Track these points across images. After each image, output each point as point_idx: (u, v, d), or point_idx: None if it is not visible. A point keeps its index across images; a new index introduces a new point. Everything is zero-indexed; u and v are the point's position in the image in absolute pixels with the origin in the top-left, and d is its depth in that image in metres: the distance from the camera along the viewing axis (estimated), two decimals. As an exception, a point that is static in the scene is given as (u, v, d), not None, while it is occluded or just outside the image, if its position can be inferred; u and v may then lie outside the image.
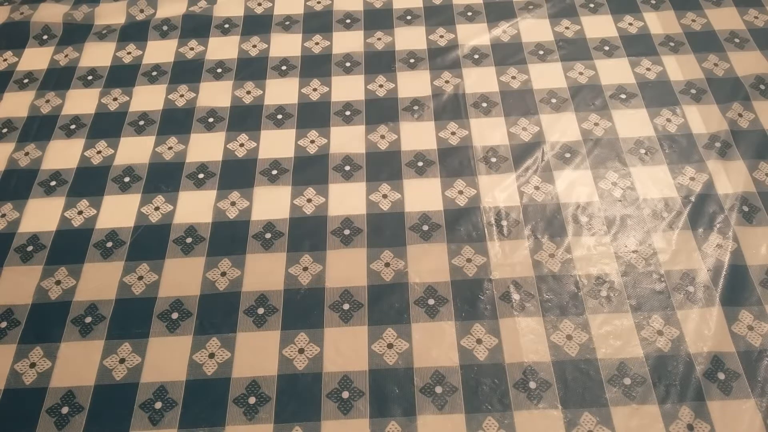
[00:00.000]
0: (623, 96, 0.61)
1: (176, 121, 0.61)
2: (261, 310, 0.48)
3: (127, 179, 0.56)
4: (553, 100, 0.61)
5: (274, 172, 0.56)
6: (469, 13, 0.69)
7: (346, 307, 0.48)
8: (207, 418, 0.44)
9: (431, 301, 0.48)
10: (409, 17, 0.69)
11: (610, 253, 0.51)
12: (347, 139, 0.58)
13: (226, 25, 0.69)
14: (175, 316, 0.48)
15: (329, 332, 0.47)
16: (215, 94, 0.63)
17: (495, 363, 0.45)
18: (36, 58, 0.67)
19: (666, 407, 0.43)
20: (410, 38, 0.67)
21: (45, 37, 0.69)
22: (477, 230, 0.52)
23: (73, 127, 0.61)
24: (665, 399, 0.44)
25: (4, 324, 0.48)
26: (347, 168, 0.56)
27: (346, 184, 0.55)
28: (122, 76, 0.65)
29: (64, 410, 0.44)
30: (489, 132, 0.59)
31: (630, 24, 0.67)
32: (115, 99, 0.63)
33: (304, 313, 0.47)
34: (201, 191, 0.55)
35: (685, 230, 0.52)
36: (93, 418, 0.44)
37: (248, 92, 0.63)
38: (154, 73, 0.65)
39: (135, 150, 0.58)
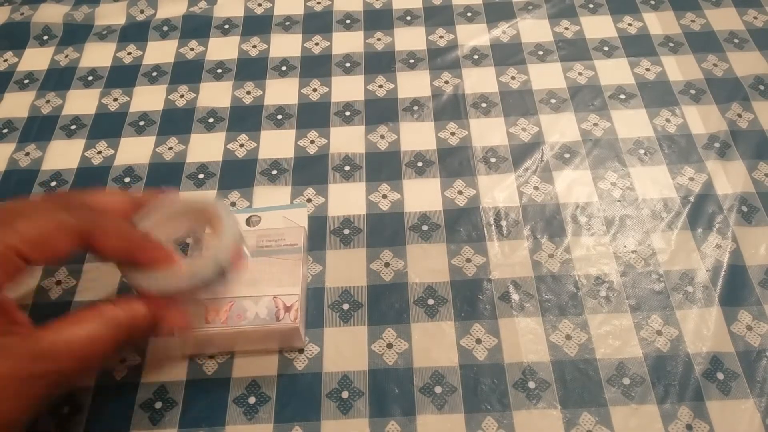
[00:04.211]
0: (622, 96, 0.61)
1: (176, 122, 0.61)
2: (261, 310, 0.48)
3: (127, 179, 0.56)
4: (553, 101, 0.61)
5: (274, 172, 0.56)
6: (469, 14, 0.69)
7: (345, 306, 0.48)
8: (207, 418, 0.44)
9: (431, 301, 0.48)
10: (408, 17, 0.69)
11: (609, 253, 0.51)
12: (347, 139, 0.59)
13: (226, 26, 0.69)
14: (175, 316, 0.48)
15: (329, 332, 0.47)
16: (215, 95, 0.63)
17: (494, 363, 0.45)
18: (36, 59, 0.67)
19: (665, 407, 0.43)
20: (410, 38, 0.67)
21: (45, 37, 0.69)
22: (476, 230, 0.52)
23: (73, 127, 0.61)
24: (664, 399, 0.44)
25: (4, 324, 0.48)
26: (347, 168, 0.56)
27: (346, 184, 0.55)
28: (122, 76, 0.65)
29: (65, 410, 0.44)
30: (488, 132, 0.59)
31: (629, 24, 0.67)
32: (115, 99, 0.63)
33: (303, 313, 0.47)
34: (201, 191, 0.55)
35: (684, 230, 0.52)
36: (93, 418, 0.44)
37: (248, 92, 0.63)
38: (155, 74, 0.65)
39: (135, 150, 0.59)
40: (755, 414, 0.43)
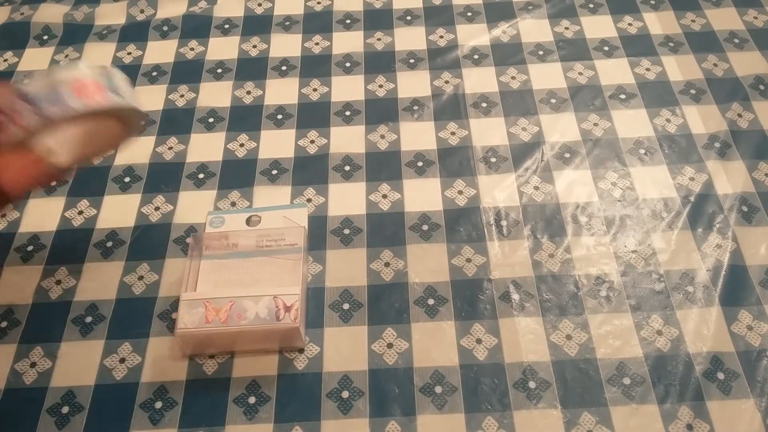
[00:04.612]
0: (623, 96, 0.61)
1: (176, 121, 0.61)
2: (261, 310, 0.48)
3: (127, 179, 0.56)
4: (553, 100, 0.61)
5: (274, 172, 0.56)
6: (469, 14, 0.69)
7: (346, 306, 0.48)
8: (207, 418, 0.44)
9: (431, 301, 0.48)
10: (409, 17, 0.69)
11: (609, 253, 0.51)
12: (347, 139, 0.59)
13: (226, 26, 0.69)
14: (175, 316, 0.48)
15: (329, 332, 0.47)
16: (215, 94, 0.63)
17: (494, 363, 0.45)
18: (36, 59, 0.67)
19: (665, 407, 0.43)
20: (410, 38, 0.67)
21: (45, 37, 0.69)
22: (477, 230, 0.52)
23: (73, 127, 0.61)
24: (664, 399, 0.44)
25: (4, 324, 0.48)
26: (347, 168, 0.56)
27: (346, 184, 0.55)
28: (122, 76, 0.65)
29: (65, 410, 0.44)
30: (489, 132, 0.59)
31: (629, 24, 0.67)
32: (115, 99, 0.63)
33: (304, 313, 0.47)
34: (201, 191, 0.55)
35: (684, 230, 0.52)
36: (93, 418, 0.44)
37: (248, 92, 0.63)
38: (155, 74, 0.65)
39: (135, 150, 0.58)
40: (755, 414, 0.43)
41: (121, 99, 0.38)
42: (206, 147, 0.58)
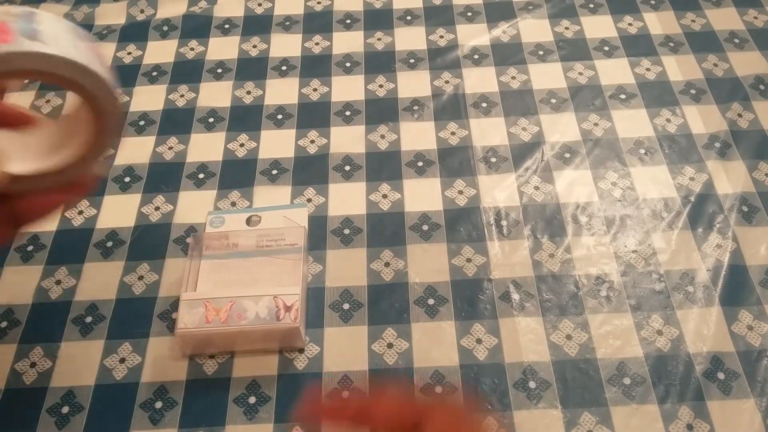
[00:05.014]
0: (623, 96, 0.61)
1: (176, 121, 0.61)
2: (261, 310, 0.48)
3: (127, 179, 0.56)
4: (553, 100, 0.61)
5: (274, 171, 0.56)
6: (469, 14, 0.69)
7: (346, 306, 0.48)
8: (207, 418, 0.44)
9: (431, 301, 0.48)
10: (409, 17, 0.69)
11: (609, 253, 0.51)
12: (347, 139, 0.59)
13: (227, 26, 0.69)
14: (175, 315, 0.48)
15: (329, 332, 0.47)
16: (215, 94, 0.63)
17: (495, 363, 0.45)
18: (36, 58, 0.67)
19: (665, 407, 0.43)
20: (410, 38, 0.67)
21: (45, 37, 0.69)
22: (477, 230, 0.52)
23: (73, 127, 0.61)
24: (665, 399, 0.44)
25: (4, 324, 0.48)
26: (347, 168, 0.56)
27: (346, 183, 0.55)
28: (122, 76, 0.65)
29: (65, 410, 0.44)
30: (489, 132, 0.59)
31: (630, 24, 0.67)
32: (115, 99, 0.63)
33: (304, 313, 0.47)
34: (201, 191, 0.55)
35: (684, 230, 0.52)
36: (93, 418, 0.44)
37: (248, 92, 0.63)
38: (155, 73, 0.65)
39: (135, 150, 0.58)
40: (756, 414, 0.43)
41: (42, 46, 0.26)
42: (206, 147, 0.58)
